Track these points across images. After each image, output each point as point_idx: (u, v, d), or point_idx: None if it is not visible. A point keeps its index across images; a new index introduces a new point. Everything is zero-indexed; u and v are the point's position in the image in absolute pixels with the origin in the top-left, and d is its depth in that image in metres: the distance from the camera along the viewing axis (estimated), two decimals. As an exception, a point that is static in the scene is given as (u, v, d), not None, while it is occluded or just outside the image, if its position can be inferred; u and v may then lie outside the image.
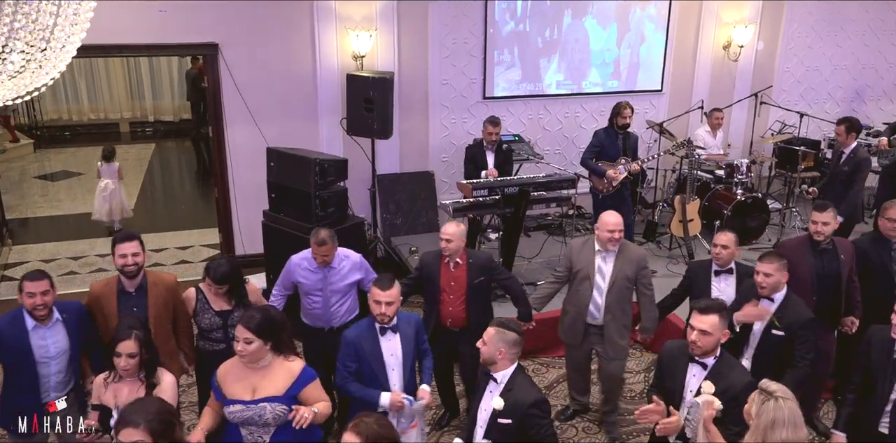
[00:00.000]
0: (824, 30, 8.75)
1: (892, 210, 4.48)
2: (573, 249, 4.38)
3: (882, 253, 4.55)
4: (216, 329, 3.91)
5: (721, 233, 4.33)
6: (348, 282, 4.32)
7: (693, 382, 3.29)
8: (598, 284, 4.26)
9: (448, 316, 4.33)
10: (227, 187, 6.89)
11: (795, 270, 4.28)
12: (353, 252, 4.41)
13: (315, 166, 5.35)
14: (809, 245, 4.37)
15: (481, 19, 7.31)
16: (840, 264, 4.34)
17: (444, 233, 4.24)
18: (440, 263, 4.32)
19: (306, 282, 4.28)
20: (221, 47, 6.54)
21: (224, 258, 3.98)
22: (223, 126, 6.76)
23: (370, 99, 6.35)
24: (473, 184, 5.50)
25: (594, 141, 6.29)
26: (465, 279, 4.26)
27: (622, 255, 4.23)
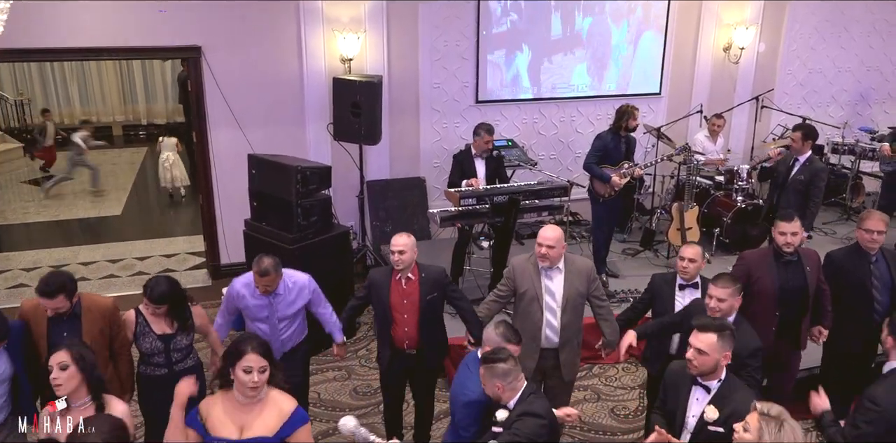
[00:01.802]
0: (827, 31, 8.53)
1: (870, 221, 4.22)
2: (515, 268, 4.03)
3: (859, 266, 4.29)
4: (158, 354, 3.69)
5: (687, 246, 4.10)
6: (296, 308, 4.04)
7: (696, 405, 3.11)
8: (548, 306, 3.93)
9: (403, 337, 4.02)
10: (212, 194, 6.70)
11: (758, 283, 4.10)
12: (301, 274, 4.11)
13: (296, 174, 5.16)
14: (773, 257, 4.12)
15: (473, 21, 7.11)
16: (806, 277, 4.09)
17: (395, 244, 3.94)
18: (390, 280, 4.02)
19: (249, 308, 4.01)
20: (205, 50, 6.35)
21: (163, 277, 3.73)
22: (207, 131, 6.57)
23: (357, 103, 6.16)
24: (461, 193, 5.29)
25: (598, 144, 6.06)
26: (417, 296, 3.98)
27: (569, 270, 3.92)
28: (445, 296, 4.11)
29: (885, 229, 4.22)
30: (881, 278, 4.28)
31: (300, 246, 5.25)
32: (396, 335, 4.05)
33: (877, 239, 4.21)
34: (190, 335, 3.78)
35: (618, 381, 5.40)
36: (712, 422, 2.98)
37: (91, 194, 9.68)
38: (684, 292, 4.06)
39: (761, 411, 2.58)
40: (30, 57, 7.09)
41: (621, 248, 7.03)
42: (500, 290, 4.12)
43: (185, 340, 3.75)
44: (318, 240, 5.35)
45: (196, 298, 3.98)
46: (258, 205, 5.53)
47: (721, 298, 3.50)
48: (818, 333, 4.32)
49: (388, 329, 4.07)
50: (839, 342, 4.41)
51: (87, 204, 9.28)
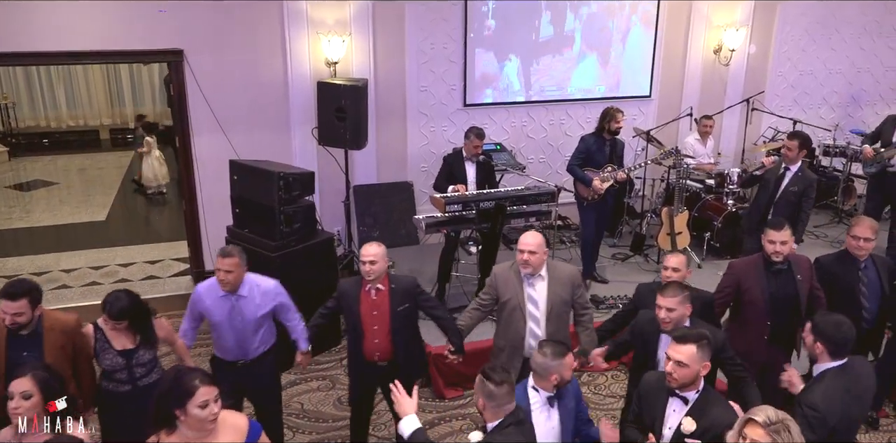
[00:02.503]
0: (818, 32, 8.47)
1: (859, 227, 4.15)
2: (497, 276, 3.93)
3: (848, 273, 4.23)
4: (119, 370, 3.57)
5: (672, 255, 4.02)
6: (261, 312, 3.91)
7: (673, 417, 3.03)
8: (532, 314, 3.84)
9: (374, 349, 3.92)
10: (195, 200, 6.58)
11: (748, 292, 4.02)
12: (269, 279, 4.01)
13: (278, 180, 5.06)
14: (763, 265, 4.03)
15: (461, 23, 7.02)
16: (797, 285, 4.01)
17: (365, 254, 3.83)
18: (360, 291, 3.92)
19: (213, 313, 3.88)
20: (186, 54, 6.23)
21: (122, 291, 3.57)
22: (189, 136, 6.45)
23: (342, 108, 6.05)
24: (447, 199, 5.20)
25: (581, 147, 5.99)
26: (388, 307, 3.87)
27: (552, 277, 3.84)
28: (418, 306, 4.01)
29: (872, 237, 4.15)
30: (870, 285, 4.22)
31: (283, 253, 5.15)
32: (367, 347, 3.95)
33: (863, 246, 4.15)
34: (153, 349, 3.66)
35: (606, 389, 5.31)
36: (689, 434, 2.90)
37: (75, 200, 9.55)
38: None
39: (764, 422, 2.41)
40: (6, 61, 6.97)
41: (611, 252, 6.95)
42: (482, 298, 4.02)
43: (147, 354, 3.63)
44: (301, 247, 5.25)
45: (178, 305, 3.89)
46: (240, 211, 5.42)
47: (670, 308, 3.41)
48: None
49: (358, 340, 3.97)
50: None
51: (71, 209, 9.14)
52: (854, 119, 8.95)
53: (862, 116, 8.96)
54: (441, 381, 5.13)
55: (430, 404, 5.11)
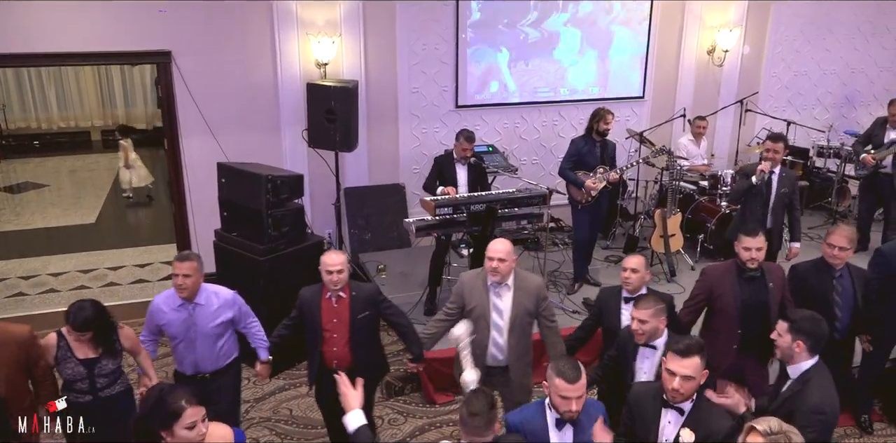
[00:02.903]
0: (812, 33, 8.44)
1: (835, 236, 4.08)
2: (464, 284, 3.86)
3: (823, 281, 4.15)
4: (81, 379, 3.49)
5: (631, 256, 3.93)
6: (218, 321, 3.82)
7: (669, 429, 2.96)
8: (496, 323, 3.76)
9: (333, 357, 3.88)
10: (184, 203, 6.52)
11: (719, 299, 3.95)
12: (226, 289, 3.93)
13: (266, 183, 4.99)
14: (736, 272, 3.97)
15: (452, 24, 6.96)
16: (769, 293, 3.94)
17: (332, 264, 3.76)
18: (320, 299, 3.86)
19: (171, 323, 3.79)
20: (175, 55, 6.17)
21: (87, 301, 3.48)
22: (178, 138, 6.39)
23: (332, 109, 5.99)
24: (436, 202, 5.14)
25: (571, 150, 5.94)
26: (347, 315, 3.81)
27: (518, 287, 3.75)
28: (380, 314, 3.96)
29: (847, 246, 4.06)
30: (843, 295, 4.14)
31: (271, 258, 5.08)
32: (326, 355, 3.90)
33: (838, 255, 4.08)
34: (117, 359, 3.58)
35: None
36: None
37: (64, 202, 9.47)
38: (629, 306, 3.80)
39: (765, 431, 2.36)
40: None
41: (604, 255, 6.90)
42: (448, 308, 3.94)
43: (110, 364, 3.54)
44: (290, 251, 5.18)
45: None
46: (228, 215, 5.36)
47: (643, 320, 3.35)
48: None
49: (318, 348, 3.91)
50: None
51: (60, 212, 9.06)
52: (848, 120, 8.91)
53: (856, 117, 8.93)
54: (431, 386, 5.07)
55: (421, 409, 5.06)
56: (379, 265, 6.53)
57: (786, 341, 3.10)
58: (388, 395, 5.15)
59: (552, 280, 6.30)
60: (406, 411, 5.04)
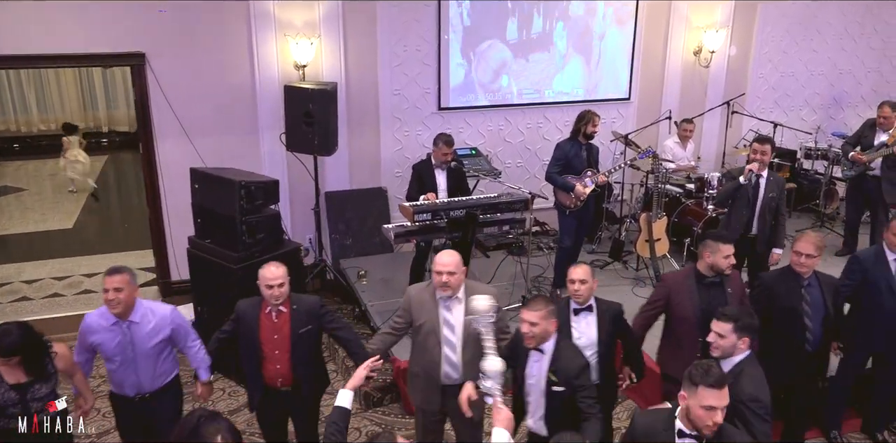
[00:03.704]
0: (799, 34, 8.36)
1: (802, 243, 3.93)
2: (411, 298, 3.66)
3: (791, 291, 3.98)
4: (12, 405, 3.29)
5: (576, 266, 3.72)
6: (156, 340, 3.62)
7: None
8: (447, 339, 3.55)
9: (276, 375, 3.70)
10: (160, 208, 6.38)
11: (678, 307, 3.82)
12: (164, 305, 3.76)
13: (240, 189, 4.85)
14: (695, 279, 3.85)
15: (434, 25, 6.84)
16: (727, 299, 3.82)
17: (272, 277, 3.58)
18: (259, 313, 3.67)
19: (104, 343, 3.58)
20: (149, 57, 6.03)
21: (13, 324, 3.28)
22: (153, 142, 6.24)
23: (310, 112, 5.86)
24: (415, 207, 5.01)
25: (558, 154, 5.80)
26: (288, 330, 3.63)
27: (470, 299, 3.47)
28: (322, 328, 3.79)
29: (815, 253, 3.91)
30: (813, 304, 3.99)
31: (245, 266, 4.92)
32: (268, 372, 3.72)
33: (805, 262, 3.92)
34: (51, 382, 3.38)
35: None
36: None
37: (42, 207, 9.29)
38: (579, 318, 3.70)
39: None
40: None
41: (590, 259, 6.77)
42: (395, 322, 3.77)
43: (44, 388, 3.35)
44: (265, 258, 5.01)
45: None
46: (202, 221, 5.21)
47: (533, 322, 3.23)
48: None
49: (258, 366, 3.73)
50: (769, 372, 4.15)
51: (37, 217, 8.88)
52: (836, 121, 8.84)
53: (844, 118, 8.86)
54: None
55: (400, 420, 4.92)
56: (360, 271, 6.39)
57: (730, 340, 3.16)
58: (366, 406, 5.02)
59: (535, 286, 6.18)
60: (385, 422, 4.91)
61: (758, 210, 5.29)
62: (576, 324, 3.68)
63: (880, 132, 6.59)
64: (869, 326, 4.24)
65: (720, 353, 3.19)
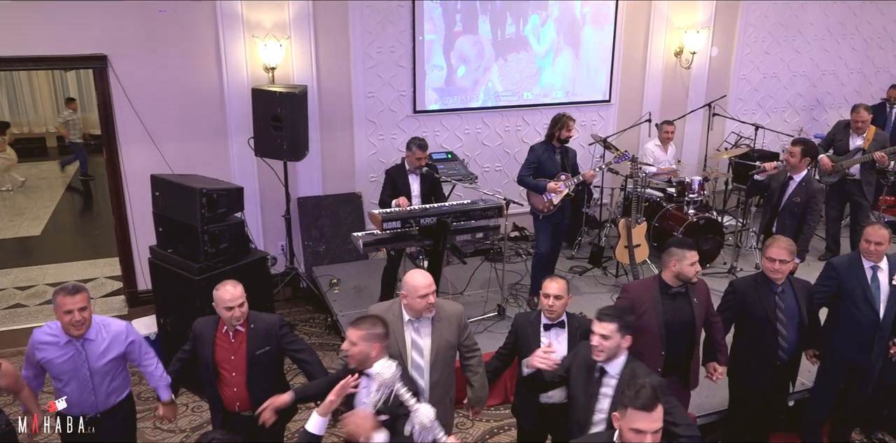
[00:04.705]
0: (781, 34, 8.25)
1: (773, 248, 3.78)
2: None
3: (764, 297, 3.83)
4: None
5: (551, 280, 3.54)
6: (110, 357, 3.45)
7: None
8: (415, 363, 3.36)
9: (234, 398, 3.51)
10: (125, 216, 6.17)
11: (642, 318, 3.62)
12: (118, 322, 3.59)
13: (201, 197, 4.65)
14: (659, 288, 3.66)
15: (409, 26, 6.67)
16: (693, 310, 3.66)
17: (227, 300, 3.39)
18: (215, 332, 3.49)
19: (54, 361, 3.38)
20: (111, 59, 5.82)
21: None
22: (117, 148, 6.04)
23: (278, 116, 5.68)
24: (384, 215, 4.84)
25: (531, 157, 5.66)
26: (245, 351, 3.47)
27: (437, 318, 3.38)
28: (281, 349, 3.60)
29: (788, 258, 3.78)
30: (787, 311, 3.84)
31: (208, 277, 4.73)
32: (226, 396, 3.54)
33: (779, 268, 3.78)
34: None
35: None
36: None
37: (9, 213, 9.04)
38: (550, 333, 3.54)
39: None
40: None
41: (569, 265, 6.64)
42: None
43: None
44: (229, 269, 4.83)
45: None
46: (164, 230, 5.01)
47: (353, 342, 3.02)
48: (713, 370, 3.86)
49: (216, 388, 3.55)
50: (742, 382, 4.01)
51: (5, 223, 8.64)
52: (819, 122, 8.75)
53: (827, 120, 8.75)
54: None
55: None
56: (332, 279, 6.22)
57: (615, 340, 3.04)
58: (334, 420, 4.82)
59: (513, 293, 6.02)
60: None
61: (780, 211, 5.17)
62: (545, 340, 3.52)
63: (854, 136, 6.49)
64: (845, 337, 4.10)
65: (605, 355, 3.05)
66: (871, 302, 3.99)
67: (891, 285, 3.99)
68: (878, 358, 4.11)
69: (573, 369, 3.22)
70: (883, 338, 4.04)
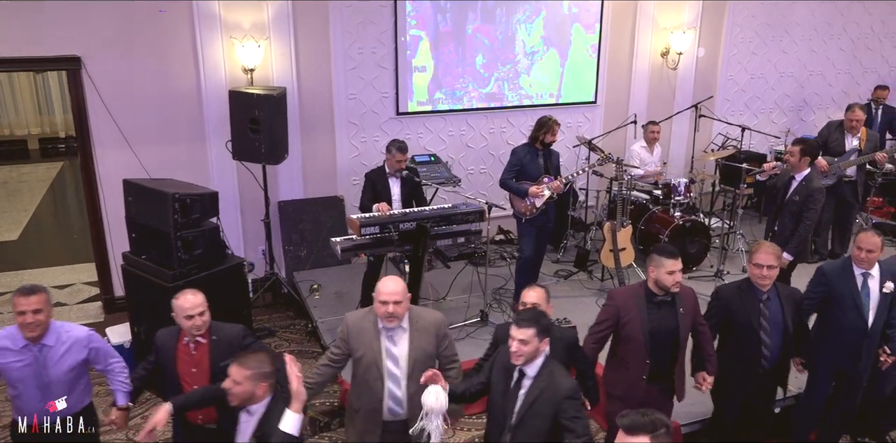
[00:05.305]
0: (768, 35, 8.19)
1: (760, 254, 3.70)
2: (350, 327, 3.34)
3: (748, 305, 3.75)
4: None
5: (530, 288, 3.46)
6: (69, 365, 3.34)
7: None
8: (390, 373, 3.28)
9: (197, 412, 3.42)
10: (101, 222, 6.03)
11: (627, 326, 3.56)
12: (80, 328, 3.48)
13: (174, 202, 4.54)
14: (644, 297, 3.56)
15: (391, 26, 6.56)
16: (678, 319, 3.55)
17: (186, 308, 3.29)
18: (177, 344, 3.39)
19: (11, 367, 3.28)
20: (84, 61, 5.69)
21: None
22: (92, 152, 5.90)
23: (256, 119, 5.57)
24: (362, 220, 4.73)
25: (513, 160, 5.58)
26: (207, 363, 3.37)
27: (415, 328, 3.29)
28: None
29: (775, 263, 3.69)
30: (771, 319, 3.75)
31: (181, 284, 4.60)
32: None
33: (767, 274, 3.68)
34: None
35: None
36: None
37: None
38: None
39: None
40: None
41: (554, 269, 6.55)
42: (332, 353, 3.45)
43: None
44: (203, 276, 4.73)
45: None
46: (137, 236, 4.89)
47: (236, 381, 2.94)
48: (702, 380, 3.77)
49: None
50: (724, 390, 3.91)
51: (-20, 228, 8.47)
52: (807, 123, 8.70)
53: (815, 121, 8.70)
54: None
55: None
56: (313, 285, 6.10)
57: (533, 345, 2.96)
58: (312, 431, 4.72)
59: (496, 298, 5.93)
60: (333, 448, 4.63)
61: (782, 210, 5.13)
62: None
63: (849, 136, 6.42)
64: (833, 344, 4.02)
65: (524, 359, 2.98)
66: (861, 309, 3.91)
67: (881, 293, 3.92)
68: (866, 366, 4.04)
69: (493, 375, 3.17)
70: (871, 346, 3.97)
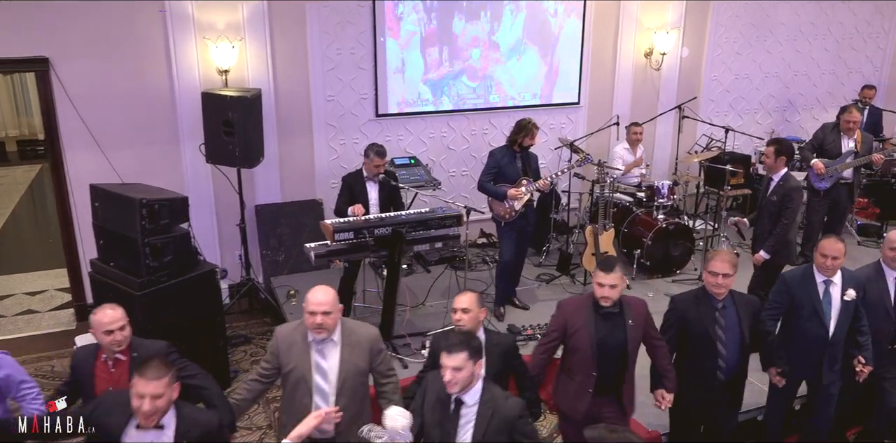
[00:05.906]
0: (753, 35, 8.13)
1: (716, 262, 3.57)
2: (279, 340, 3.19)
3: (704, 314, 3.62)
4: None
5: (461, 293, 3.36)
6: None
7: None
8: (319, 388, 3.13)
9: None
10: (72, 227, 5.89)
11: (574, 337, 3.45)
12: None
13: (141, 208, 4.40)
14: (592, 307, 3.45)
15: (369, 26, 6.44)
16: (626, 331, 3.43)
17: (106, 322, 3.10)
18: (95, 362, 3.19)
19: None
20: (53, 62, 5.54)
21: None
22: (62, 156, 5.76)
23: (230, 121, 5.44)
24: (336, 226, 4.61)
25: (491, 162, 5.49)
26: (128, 382, 3.14)
27: (346, 342, 3.15)
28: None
29: (731, 272, 3.56)
30: (728, 329, 3.62)
31: (149, 292, 4.48)
32: None
33: (722, 283, 3.56)
34: None
35: None
36: None
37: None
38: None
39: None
40: None
41: (536, 273, 6.45)
42: (262, 367, 3.29)
43: None
44: (172, 284, 4.60)
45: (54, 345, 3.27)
46: (104, 243, 4.75)
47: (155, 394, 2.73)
48: (661, 397, 3.66)
49: None
50: (681, 401, 3.76)
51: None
52: (792, 124, 8.65)
53: (800, 121, 8.67)
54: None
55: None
56: (290, 291, 5.98)
57: (468, 370, 2.80)
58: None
59: (477, 304, 5.81)
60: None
61: (760, 212, 5.08)
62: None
63: (845, 138, 6.36)
64: (795, 353, 3.91)
65: (460, 387, 2.82)
66: (822, 317, 3.81)
67: (842, 301, 3.81)
68: (834, 376, 3.94)
69: (425, 412, 2.96)
70: (833, 354, 3.86)
